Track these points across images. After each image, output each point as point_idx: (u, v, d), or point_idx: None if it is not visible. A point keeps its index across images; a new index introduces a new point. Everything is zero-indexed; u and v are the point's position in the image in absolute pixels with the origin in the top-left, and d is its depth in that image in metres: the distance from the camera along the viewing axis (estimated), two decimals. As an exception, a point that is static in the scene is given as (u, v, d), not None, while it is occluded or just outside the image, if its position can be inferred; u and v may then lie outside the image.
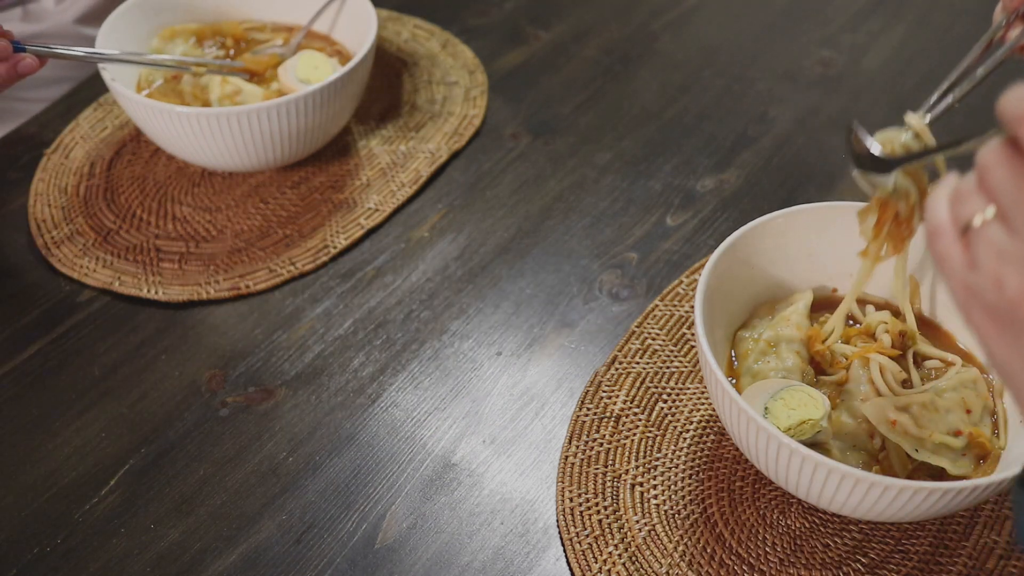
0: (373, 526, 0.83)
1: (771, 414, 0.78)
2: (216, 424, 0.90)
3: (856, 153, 0.73)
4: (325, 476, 0.86)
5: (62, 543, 0.82)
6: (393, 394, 0.92)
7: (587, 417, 0.89)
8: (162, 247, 1.05)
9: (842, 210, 0.88)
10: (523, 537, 0.82)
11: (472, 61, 1.28)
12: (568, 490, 0.84)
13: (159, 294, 1.00)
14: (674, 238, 1.06)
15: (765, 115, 1.20)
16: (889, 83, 1.25)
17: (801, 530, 0.81)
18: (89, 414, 0.91)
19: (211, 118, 1.00)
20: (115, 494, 0.85)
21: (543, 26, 1.34)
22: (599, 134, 1.18)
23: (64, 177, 1.13)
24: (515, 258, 1.04)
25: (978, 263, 0.51)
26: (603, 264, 1.03)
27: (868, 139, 0.73)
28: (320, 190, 1.11)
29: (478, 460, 0.87)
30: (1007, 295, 0.50)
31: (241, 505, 0.84)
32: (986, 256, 0.51)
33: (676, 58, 1.29)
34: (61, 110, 1.22)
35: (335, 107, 1.06)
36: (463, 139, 1.17)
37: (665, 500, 0.83)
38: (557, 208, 1.09)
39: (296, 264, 1.03)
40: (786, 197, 1.09)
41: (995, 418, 0.82)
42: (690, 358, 0.93)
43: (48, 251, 1.04)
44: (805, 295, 0.89)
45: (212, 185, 1.11)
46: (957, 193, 0.54)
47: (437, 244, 1.06)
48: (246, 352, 0.96)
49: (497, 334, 0.97)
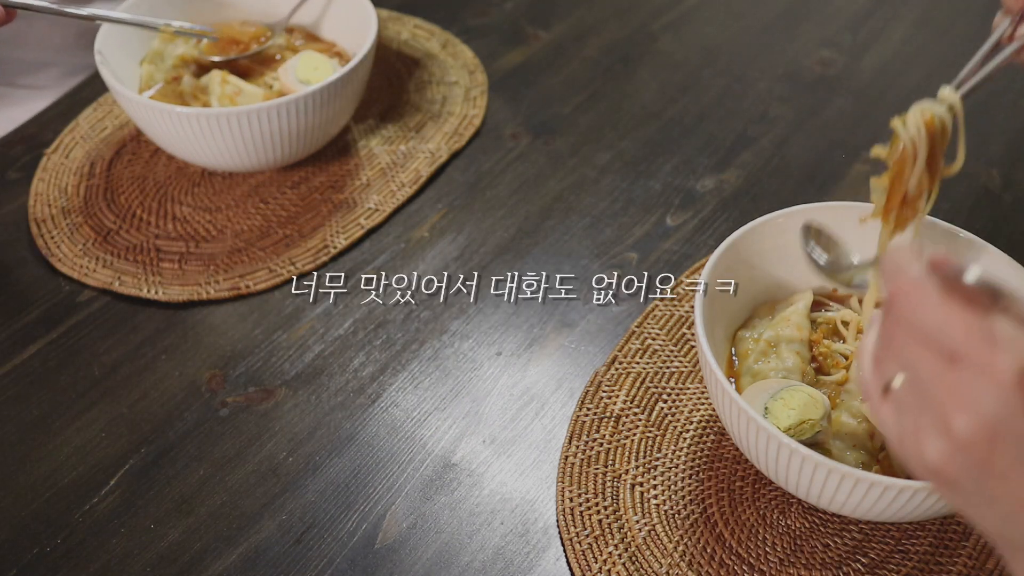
0: (373, 526, 0.83)
1: (771, 414, 0.78)
2: (216, 424, 0.90)
3: (808, 256, 0.77)
4: (325, 476, 0.86)
5: (62, 543, 0.82)
6: (393, 394, 0.92)
7: (587, 417, 0.89)
8: (162, 247, 1.05)
9: (842, 210, 0.88)
10: (523, 537, 0.82)
11: (472, 61, 1.28)
12: (568, 490, 0.84)
13: (159, 294, 1.00)
14: (674, 238, 1.06)
15: (765, 115, 1.20)
16: (889, 83, 1.25)
17: (801, 530, 0.81)
18: (89, 414, 0.91)
19: (211, 118, 1.00)
20: (115, 494, 0.85)
21: (543, 26, 1.34)
22: (599, 134, 1.18)
23: (64, 177, 1.13)
24: (515, 258, 1.04)
25: (902, 430, 0.51)
26: (603, 264, 1.03)
27: (815, 250, 0.77)
28: (320, 190, 1.11)
29: (478, 460, 0.87)
30: (928, 464, 0.49)
31: (241, 505, 0.84)
32: (904, 424, 0.51)
33: (676, 58, 1.30)
34: (61, 110, 1.22)
35: (335, 107, 1.06)
36: (463, 139, 1.17)
37: (665, 500, 0.83)
38: (557, 208, 1.09)
39: (296, 264, 1.03)
40: (786, 197, 1.09)
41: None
42: (690, 358, 0.93)
43: (48, 251, 1.04)
44: (805, 295, 0.89)
45: (212, 185, 1.11)
46: (875, 355, 0.54)
47: (437, 244, 1.06)
48: (246, 352, 0.96)
49: (497, 334, 0.97)
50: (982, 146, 1.16)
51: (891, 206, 0.77)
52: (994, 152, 1.15)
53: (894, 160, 0.76)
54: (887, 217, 0.78)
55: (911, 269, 0.49)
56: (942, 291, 0.48)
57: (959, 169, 0.76)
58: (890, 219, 0.78)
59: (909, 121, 0.74)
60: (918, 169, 0.75)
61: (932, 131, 0.74)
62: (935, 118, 0.74)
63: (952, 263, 0.49)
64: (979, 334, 0.47)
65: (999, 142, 1.17)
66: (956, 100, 0.75)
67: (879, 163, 0.77)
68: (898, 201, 0.77)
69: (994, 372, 0.46)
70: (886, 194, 0.77)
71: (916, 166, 0.75)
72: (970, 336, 0.47)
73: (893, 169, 0.76)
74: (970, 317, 0.47)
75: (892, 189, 0.77)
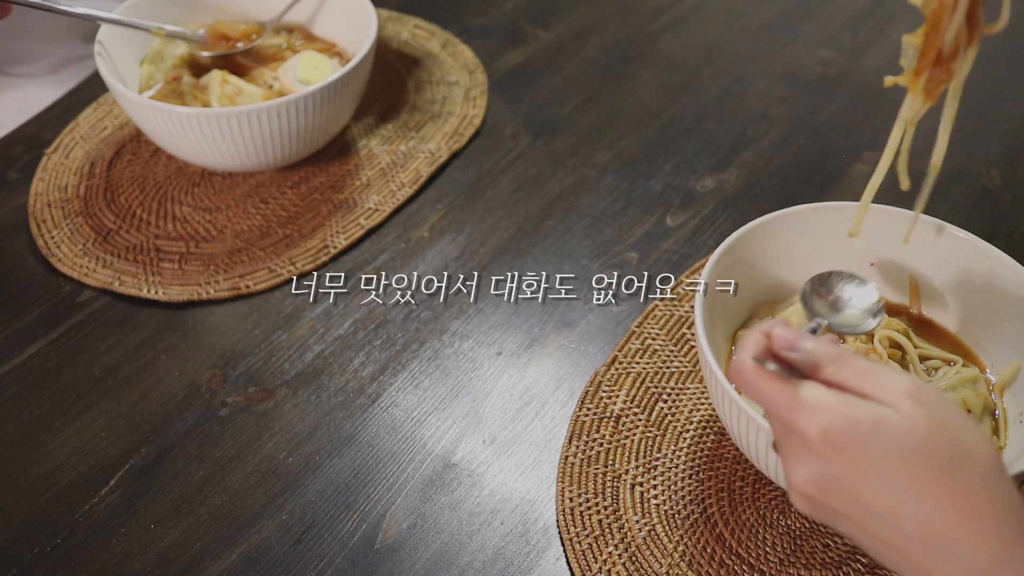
0: (373, 526, 0.83)
1: (771, 414, 0.78)
2: (216, 424, 0.90)
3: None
4: (325, 476, 0.86)
5: (62, 543, 0.82)
6: (393, 394, 0.92)
7: (587, 417, 0.89)
8: (162, 247, 1.05)
9: (842, 210, 0.88)
10: (523, 537, 0.82)
11: (472, 61, 1.28)
12: (568, 490, 0.84)
13: (159, 294, 1.00)
14: (674, 238, 1.06)
15: (765, 115, 1.20)
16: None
17: (801, 530, 0.81)
18: (89, 414, 0.91)
19: (211, 118, 1.00)
20: (115, 494, 0.85)
21: (543, 26, 1.34)
22: (599, 134, 1.18)
23: (64, 177, 1.13)
24: (515, 258, 1.04)
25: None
26: (603, 264, 1.03)
27: (811, 318, 0.74)
28: (320, 190, 1.11)
29: (478, 460, 0.87)
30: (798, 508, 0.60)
31: (241, 505, 0.84)
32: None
33: (676, 58, 1.30)
34: (61, 110, 1.22)
35: (335, 107, 1.06)
36: (463, 139, 1.17)
37: (665, 500, 0.83)
38: (557, 208, 1.09)
39: (296, 264, 1.03)
40: (786, 197, 1.09)
41: (995, 418, 0.82)
42: (690, 358, 0.93)
43: (48, 251, 1.04)
44: (805, 295, 0.89)
45: (212, 185, 1.11)
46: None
47: (437, 244, 1.06)
48: (246, 352, 0.96)
49: (497, 334, 0.97)
50: (982, 146, 1.16)
51: (923, 65, 0.69)
52: (994, 152, 1.15)
53: (933, 8, 0.67)
54: (917, 80, 0.70)
55: (740, 353, 0.60)
56: (756, 371, 0.58)
57: (1003, 28, 0.67)
58: (919, 83, 0.70)
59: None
60: (958, 17, 0.66)
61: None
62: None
63: (782, 338, 0.59)
64: (786, 404, 0.57)
65: (999, 142, 1.17)
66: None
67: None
68: (931, 59, 0.68)
69: (803, 434, 0.56)
70: (919, 53, 0.69)
71: (956, 13, 0.66)
72: (780, 407, 0.57)
73: (930, 19, 0.67)
74: (779, 390, 0.57)
75: (927, 43, 0.68)
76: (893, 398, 0.55)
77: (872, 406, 0.55)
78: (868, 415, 0.55)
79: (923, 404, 0.55)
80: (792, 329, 0.60)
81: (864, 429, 0.55)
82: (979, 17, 0.67)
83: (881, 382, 0.56)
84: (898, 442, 0.54)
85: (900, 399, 0.55)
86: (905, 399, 0.55)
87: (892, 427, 0.55)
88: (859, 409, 0.55)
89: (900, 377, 0.57)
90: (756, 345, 0.60)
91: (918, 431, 0.54)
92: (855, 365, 0.57)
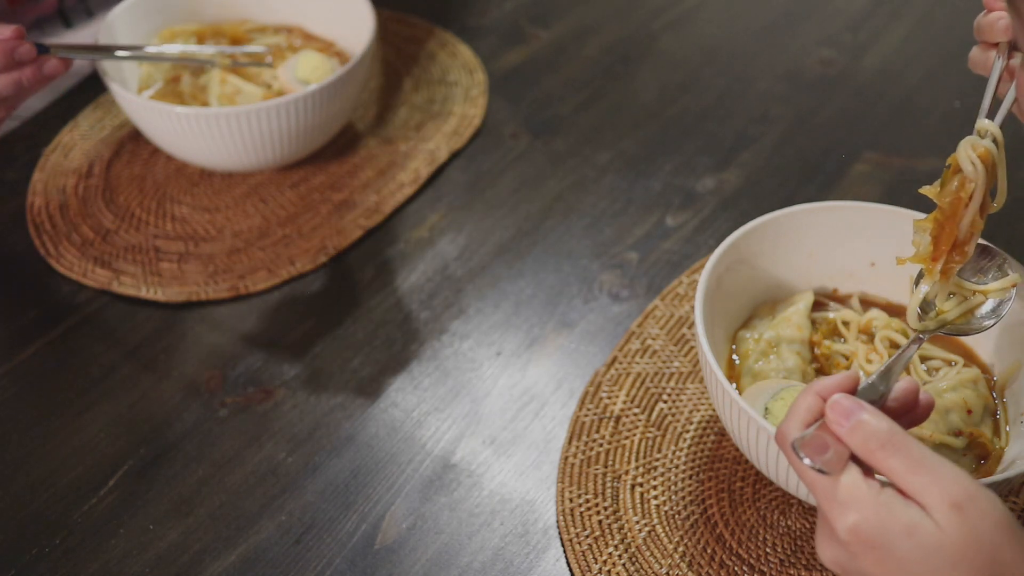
0: (372, 526, 0.83)
1: (771, 414, 0.78)
2: (215, 424, 0.90)
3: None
4: (324, 476, 0.86)
5: (61, 543, 0.82)
6: (392, 394, 0.92)
7: (587, 417, 0.89)
8: (161, 247, 1.05)
9: (842, 210, 0.87)
10: (523, 538, 0.82)
11: (472, 61, 1.27)
12: (568, 491, 0.84)
13: (158, 294, 1.00)
14: (674, 238, 1.06)
15: (765, 115, 1.20)
16: (889, 83, 1.24)
17: (801, 530, 0.81)
18: (88, 414, 0.91)
19: (210, 118, 1.00)
20: (114, 494, 0.85)
21: (543, 26, 1.34)
22: (599, 134, 1.18)
23: (63, 177, 1.12)
24: (515, 258, 1.04)
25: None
26: (603, 264, 1.03)
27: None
28: (320, 190, 1.11)
29: (478, 460, 0.87)
30: None
31: (240, 506, 0.84)
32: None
33: (676, 58, 1.29)
34: (60, 110, 1.22)
35: (335, 107, 1.06)
36: (463, 139, 1.17)
37: (665, 500, 0.83)
38: (557, 208, 1.09)
39: (296, 264, 1.03)
40: (786, 197, 1.09)
41: (996, 418, 0.82)
42: (690, 358, 0.93)
43: (47, 251, 1.04)
44: (806, 295, 0.89)
45: (211, 185, 1.11)
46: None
47: (437, 244, 1.06)
48: (245, 352, 0.96)
49: (497, 334, 0.97)
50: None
51: (940, 252, 0.72)
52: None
53: (949, 200, 0.70)
54: (934, 266, 0.73)
55: (788, 422, 0.59)
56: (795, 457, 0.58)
57: (1002, 206, 0.72)
58: (936, 268, 0.73)
59: (962, 156, 0.69)
60: (973, 207, 0.70)
61: (988, 165, 0.69)
62: (988, 151, 0.69)
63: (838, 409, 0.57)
64: (823, 491, 0.56)
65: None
66: (998, 131, 0.70)
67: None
68: (948, 247, 0.72)
69: (833, 528, 0.56)
70: (932, 239, 0.72)
71: (971, 205, 0.70)
72: (816, 491, 0.57)
73: (947, 210, 0.71)
74: (824, 481, 0.57)
75: (944, 232, 0.71)
76: (936, 504, 0.54)
77: (910, 512, 0.54)
78: (903, 522, 0.54)
79: (965, 516, 0.53)
80: (849, 397, 0.57)
81: (896, 533, 0.54)
82: (987, 203, 0.71)
83: (929, 482, 0.54)
84: (928, 554, 0.53)
85: (942, 508, 0.53)
86: (947, 509, 0.53)
87: (925, 538, 0.53)
88: (895, 515, 0.54)
89: (949, 479, 0.54)
90: (808, 413, 0.59)
91: (952, 545, 0.53)
92: (909, 454, 0.55)
